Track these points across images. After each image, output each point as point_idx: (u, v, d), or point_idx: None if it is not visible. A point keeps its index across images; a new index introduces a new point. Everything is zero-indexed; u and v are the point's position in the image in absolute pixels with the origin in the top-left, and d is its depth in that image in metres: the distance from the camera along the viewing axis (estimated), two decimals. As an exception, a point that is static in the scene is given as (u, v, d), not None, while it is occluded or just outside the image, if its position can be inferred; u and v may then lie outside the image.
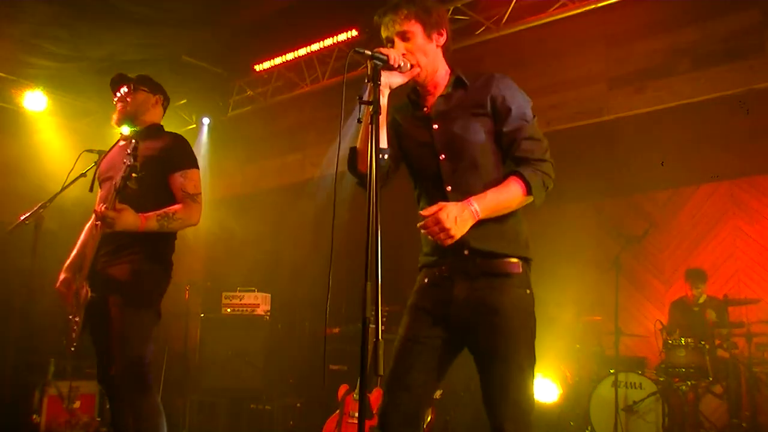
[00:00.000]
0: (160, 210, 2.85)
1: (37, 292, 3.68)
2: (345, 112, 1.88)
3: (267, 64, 6.76)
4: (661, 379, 4.90)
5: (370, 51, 1.89)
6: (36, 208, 3.30)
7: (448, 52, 2.19)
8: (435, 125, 2.11)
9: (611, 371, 4.90)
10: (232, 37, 6.19)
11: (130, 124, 3.15)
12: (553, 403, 5.30)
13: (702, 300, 5.44)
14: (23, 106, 6.95)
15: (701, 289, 5.43)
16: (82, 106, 7.54)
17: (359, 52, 1.86)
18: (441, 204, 1.87)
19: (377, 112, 1.78)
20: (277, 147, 7.67)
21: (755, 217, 5.85)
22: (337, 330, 5.64)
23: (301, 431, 5.74)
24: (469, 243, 1.98)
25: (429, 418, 4.45)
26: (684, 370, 4.80)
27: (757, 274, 5.77)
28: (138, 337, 2.82)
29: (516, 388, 1.94)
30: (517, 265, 2.01)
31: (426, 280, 2.10)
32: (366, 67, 1.90)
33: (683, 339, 4.88)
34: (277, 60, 6.65)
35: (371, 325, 1.59)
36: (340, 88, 1.81)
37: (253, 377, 5.80)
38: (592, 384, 5.06)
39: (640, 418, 4.73)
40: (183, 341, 6.19)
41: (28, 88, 6.90)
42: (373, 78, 1.85)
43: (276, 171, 7.73)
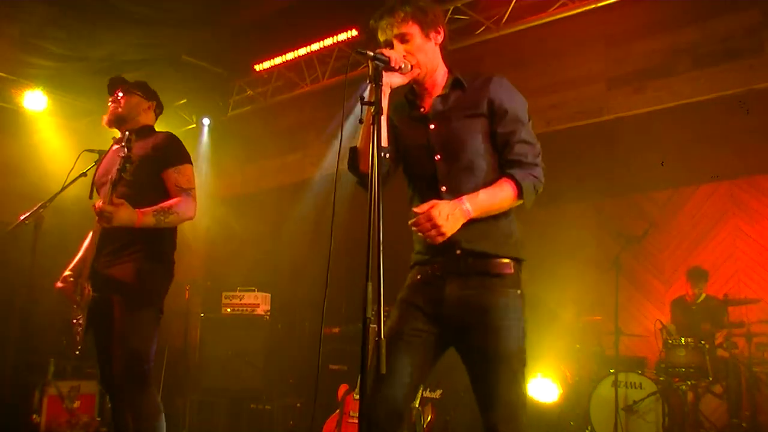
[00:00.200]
0: (156, 206, 2.86)
1: (37, 292, 3.67)
2: (345, 111, 1.88)
3: (267, 64, 6.76)
4: (661, 378, 4.90)
5: (372, 52, 1.89)
6: (36, 208, 3.29)
7: (445, 50, 2.19)
8: (431, 125, 2.11)
9: (611, 371, 4.90)
10: (232, 37, 6.18)
11: (119, 125, 3.20)
12: (553, 403, 5.30)
13: (701, 299, 5.44)
14: (23, 106, 6.94)
15: (702, 288, 5.43)
16: (82, 106, 7.53)
17: (361, 53, 1.87)
18: (433, 202, 1.88)
19: (379, 112, 1.78)
20: (277, 147, 7.67)
21: (755, 217, 5.85)
22: (337, 330, 5.64)
23: (301, 431, 5.74)
24: (461, 243, 1.99)
25: (429, 418, 4.45)
26: (684, 370, 4.80)
27: (757, 274, 5.77)
28: (139, 337, 2.82)
29: (508, 388, 1.95)
30: (508, 266, 2.02)
31: (418, 277, 2.10)
32: (367, 67, 1.90)
33: (683, 339, 4.89)
34: (277, 60, 6.66)
35: (372, 325, 1.59)
36: (340, 88, 1.82)
37: (253, 377, 5.80)
38: (592, 384, 5.06)
39: (640, 417, 4.73)
40: (183, 341, 6.20)
41: (28, 88, 6.89)
42: (374, 79, 1.85)
43: (276, 171, 7.73)
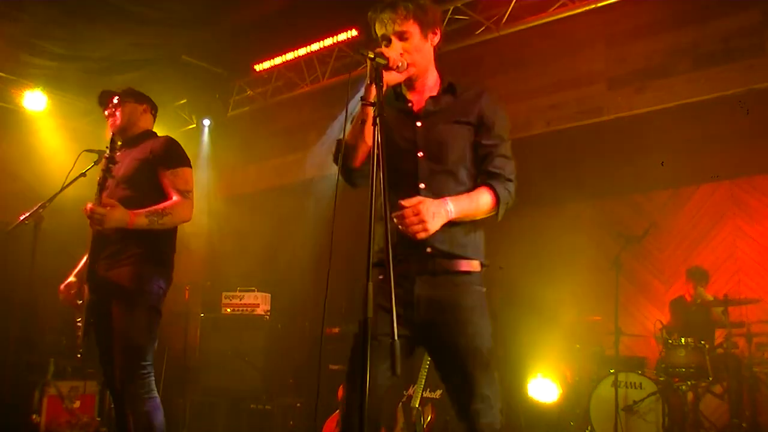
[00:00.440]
0: (150, 207, 2.86)
1: (37, 292, 3.67)
2: (347, 111, 1.88)
3: (267, 64, 6.76)
4: (661, 378, 4.90)
5: (373, 52, 1.90)
6: (36, 208, 3.29)
7: (438, 52, 2.21)
8: (419, 123, 2.13)
9: (611, 371, 4.89)
10: (232, 37, 6.18)
11: (123, 134, 3.21)
12: (553, 403, 5.30)
13: (701, 300, 5.43)
14: (23, 106, 6.94)
15: (702, 288, 5.43)
16: (82, 106, 7.53)
17: (362, 54, 1.88)
18: (419, 198, 1.91)
19: (381, 113, 1.78)
20: (277, 147, 7.66)
21: (755, 217, 5.85)
22: (337, 330, 5.64)
23: (301, 431, 5.73)
24: (432, 242, 2.01)
25: (429, 418, 4.44)
26: (684, 370, 4.80)
27: (757, 274, 5.77)
28: (139, 338, 2.83)
29: (485, 383, 1.98)
30: (475, 265, 2.09)
31: (381, 278, 2.03)
32: (366, 66, 1.91)
33: (683, 339, 4.89)
34: (277, 60, 6.65)
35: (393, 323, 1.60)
36: (340, 88, 1.82)
37: (253, 377, 5.80)
38: (592, 384, 5.06)
39: (640, 418, 4.73)
40: (183, 341, 6.19)
41: (28, 88, 6.89)
42: (375, 79, 1.85)
43: (276, 171, 7.72)
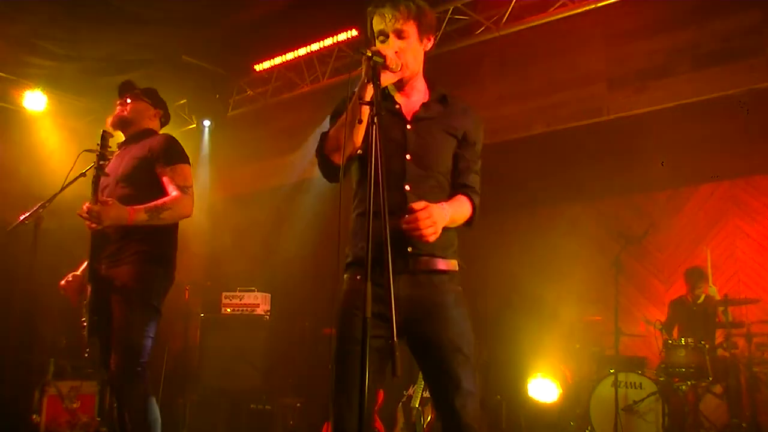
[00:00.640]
0: (149, 203, 2.86)
1: (37, 292, 3.67)
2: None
3: (267, 64, 6.76)
4: (661, 379, 4.90)
5: (370, 51, 1.90)
6: (36, 208, 3.29)
7: (427, 58, 2.22)
8: (409, 126, 2.13)
9: (611, 371, 4.89)
10: (232, 37, 6.19)
11: (123, 129, 3.21)
12: (553, 403, 5.30)
13: (701, 300, 5.43)
14: (23, 106, 6.94)
15: (702, 288, 5.43)
16: (82, 106, 7.54)
17: (361, 52, 1.88)
18: (426, 203, 1.93)
19: (379, 112, 1.79)
20: (277, 147, 7.66)
21: (755, 217, 5.85)
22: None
23: (301, 431, 5.73)
24: (413, 246, 2.02)
25: (429, 418, 4.44)
26: (684, 370, 4.80)
27: (757, 274, 5.77)
28: (138, 337, 2.82)
29: (466, 378, 1.99)
30: (453, 265, 2.12)
31: (358, 278, 2.04)
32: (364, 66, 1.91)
33: (683, 339, 4.89)
34: (277, 60, 6.66)
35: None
36: (340, 88, 1.82)
37: (253, 377, 5.80)
38: (592, 384, 5.06)
39: (640, 418, 4.73)
40: (183, 341, 6.20)
41: (28, 88, 6.89)
42: (373, 78, 1.86)
43: (276, 171, 7.72)
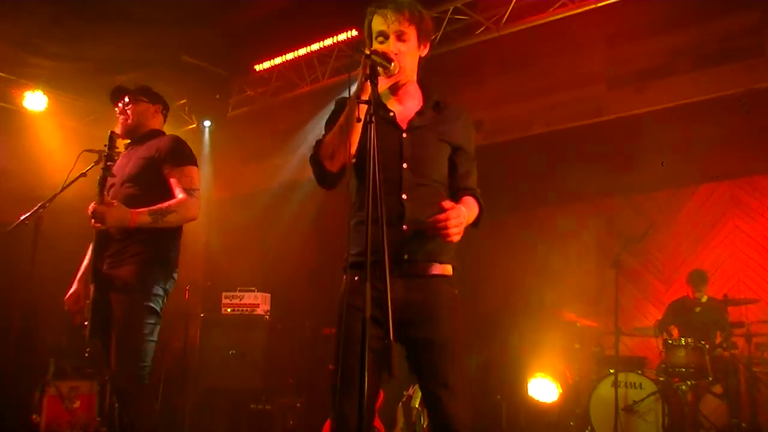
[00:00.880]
0: (155, 206, 2.84)
1: (37, 292, 3.67)
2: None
3: (267, 64, 6.76)
4: (661, 378, 4.90)
5: (369, 49, 1.90)
6: (36, 208, 3.29)
7: (421, 65, 2.21)
8: (405, 134, 2.12)
9: (611, 371, 4.89)
10: (232, 37, 6.18)
11: (132, 134, 3.19)
12: (553, 403, 5.30)
13: (704, 300, 5.43)
14: (23, 106, 6.94)
15: (703, 291, 5.42)
16: (82, 106, 7.53)
17: (361, 51, 1.88)
18: (452, 203, 1.95)
19: (377, 111, 1.79)
20: (277, 147, 7.66)
21: (755, 217, 5.85)
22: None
23: (301, 431, 5.73)
24: (410, 250, 2.03)
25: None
26: (684, 370, 4.80)
27: (757, 274, 5.77)
28: (139, 337, 2.81)
29: (455, 378, 1.99)
30: (448, 269, 2.12)
31: (357, 279, 2.05)
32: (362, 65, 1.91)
33: (683, 339, 4.89)
34: (277, 60, 6.65)
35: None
36: (340, 88, 1.82)
37: (253, 377, 5.79)
38: (592, 384, 5.06)
39: (640, 418, 4.73)
40: (183, 341, 6.19)
41: (28, 88, 6.88)
42: (370, 77, 1.85)
43: (276, 171, 7.72)
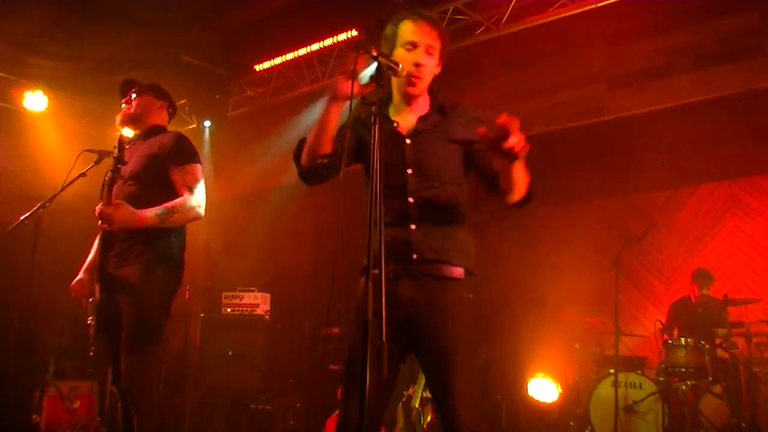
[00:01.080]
0: (159, 206, 2.83)
1: (37, 292, 3.67)
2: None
3: (267, 64, 6.76)
4: (661, 378, 4.90)
5: (376, 50, 1.90)
6: (35, 208, 3.29)
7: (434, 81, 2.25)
8: (408, 140, 2.15)
9: (611, 371, 4.89)
10: (232, 37, 6.18)
11: (133, 126, 3.16)
12: (553, 403, 5.30)
13: (706, 300, 5.42)
14: (23, 106, 6.93)
15: (708, 290, 5.41)
16: (82, 106, 7.53)
17: (371, 53, 1.88)
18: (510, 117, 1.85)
19: (381, 111, 1.79)
20: (277, 147, 7.65)
21: (755, 217, 5.85)
22: (337, 330, 5.64)
23: (301, 431, 5.73)
24: (417, 248, 2.03)
25: (429, 418, 4.44)
26: (684, 370, 4.80)
27: (757, 274, 5.77)
28: (146, 338, 2.79)
29: (464, 381, 1.95)
30: (460, 272, 2.07)
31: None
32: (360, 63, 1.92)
33: (683, 339, 4.89)
34: (277, 60, 6.65)
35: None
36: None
37: (253, 377, 5.80)
38: (592, 384, 5.06)
39: (640, 417, 4.73)
40: (183, 341, 6.19)
41: (28, 88, 6.88)
42: (377, 79, 1.86)
43: (276, 171, 7.70)
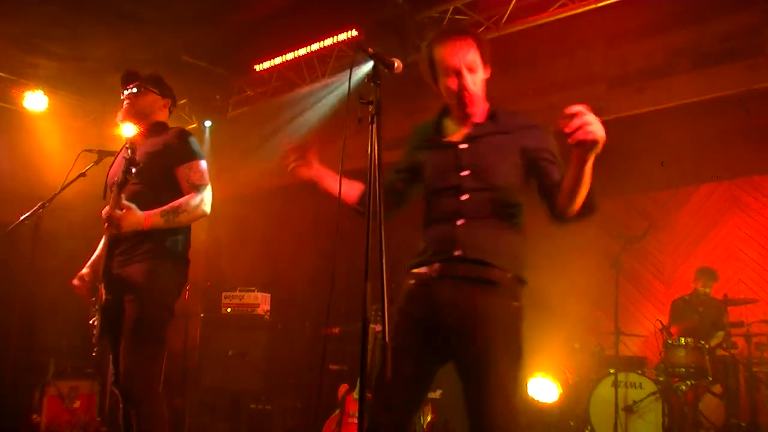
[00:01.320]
0: (166, 206, 2.81)
1: (37, 292, 3.67)
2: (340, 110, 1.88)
3: (267, 64, 6.75)
4: (661, 378, 4.90)
5: (372, 49, 1.90)
6: (35, 208, 3.29)
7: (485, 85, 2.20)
8: (462, 145, 2.10)
9: (611, 371, 4.89)
10: (232, 37, 6.18)
11: (135, 122, 3.13)
12: (553, 403, 5.30)
13: (707, 300, 5.42)
14: (23, 106, 6.94)
15: (710, 287, 5.40)
16: (82, 106, 7.53)
17: (368, 52, 1.88)
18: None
19: (379, 111, 1.79)
20: (277, 147, 7.66)
21: (755, 217, 5.85)
22: (337, 330, 5.64)
23: (301, 431, 5.74)
24: (462, 247, 1.99)
25: (429, 418, 4.45)
26: (684, 370, 4.80)
27: (757, 274, 5.77)
28: (150, 337, 2.78)
29: (494, 396, 1.86)
30: (504, 277, 1.98)
31: (412, 282, 2.08)
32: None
33: (683, 339, 4.89)
34: (277, 60, 6.64)
35: (372, 325, 1.60)
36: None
37: (253, 377, 5.80)
38: (592, 384, 5.06)
39: (639, 417, 4.73)
40: (183, 341, 6.19)
41: (28, 88, 6.88)
42: (374, 79, 1.85)
43: (276, 171, 7.70)
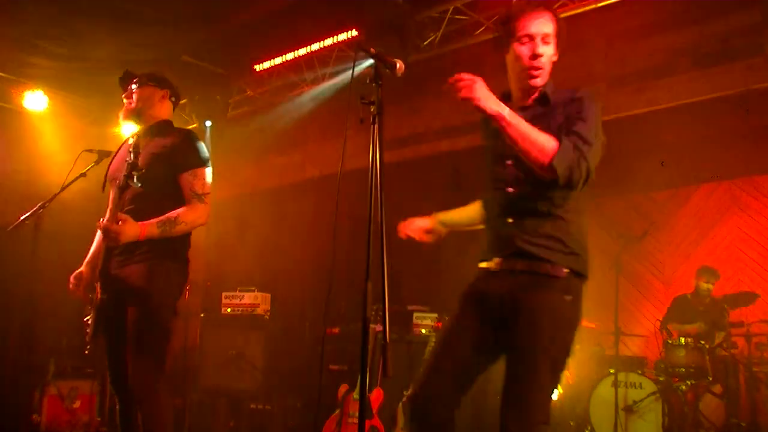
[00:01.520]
0: (163, 216, 2.76)
1: (37, 292, 3.67)
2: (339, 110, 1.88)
3: (267, 64, 6.75)
4: (661, 378, 4.91)
5: (377, 52, 1.90)
6: (35, 208, 3.29)
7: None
8: None
9: (611, 371, 4.90)
10: (232, 37, 6.18)
11: (137, 119, 3.08)
12: (553, 403, 5.30)
13: (708, 300, 5.42)
14: (23, 106, 6.93)
15: (711, 285, 5.39)
16: (82, 106, 7.53)
17: (369, 52, 1.88)
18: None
19: (380, 112, 1.79)
20: (277, 147, 7.66)
21: (755, 216, 5.85)
22: (337, 330, 5.64)
23: (301, 431, 5.73)
24: (520, 242, 2.02)
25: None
26: (684, 370, 4.80)
27: (757, 274, 5.77)
28: (153, 339, 2.76)
29: (527, 389, 1.90)
30: (561, 271, 2.01)
31: (477, 276, 2.17)
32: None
33: (683, 339, 4.89)
34: (277, 60, 6.64)
35: (372, 325, 1.60)
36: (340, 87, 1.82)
37: (253, 377, 5.80)
38: (592, 384, 5.06)
39: (639, 417, 4.73)
40: (183, 341, 6.19)
41: (28, 88, 6.88)
42: (375, 79, 1.86)
43: (276, 171, 7.72)
